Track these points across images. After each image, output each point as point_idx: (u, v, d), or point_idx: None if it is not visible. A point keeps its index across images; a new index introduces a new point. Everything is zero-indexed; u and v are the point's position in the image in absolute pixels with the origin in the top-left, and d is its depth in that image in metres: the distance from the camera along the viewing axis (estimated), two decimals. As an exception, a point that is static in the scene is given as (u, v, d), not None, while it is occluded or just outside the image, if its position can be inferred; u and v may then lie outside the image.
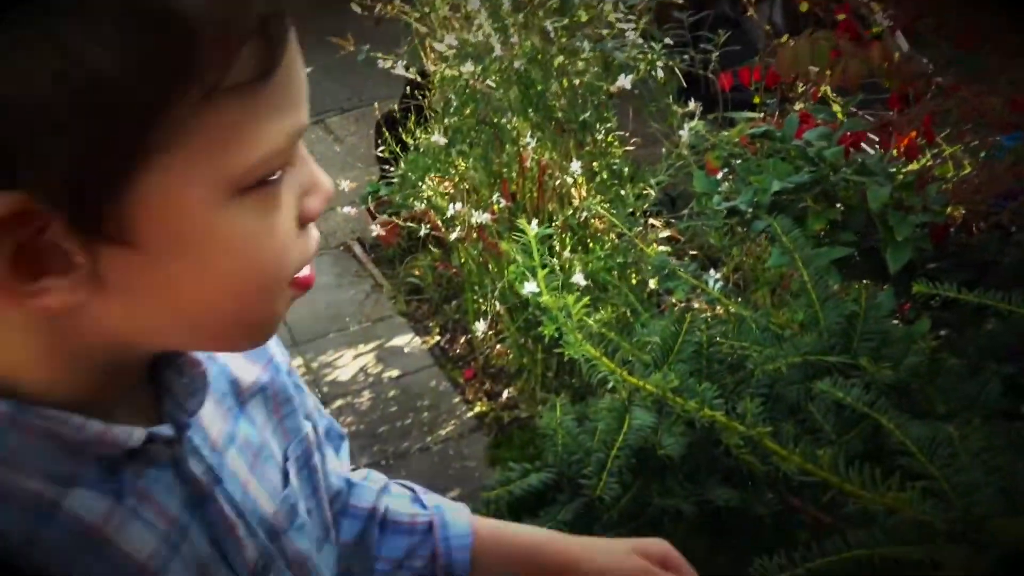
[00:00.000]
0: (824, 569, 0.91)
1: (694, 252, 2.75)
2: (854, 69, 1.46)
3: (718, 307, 1.72)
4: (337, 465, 0.76)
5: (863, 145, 1.93)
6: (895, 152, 1.65)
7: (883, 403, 1.03)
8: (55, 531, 0.45)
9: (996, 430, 1.22)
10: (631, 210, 2.46)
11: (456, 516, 0.78)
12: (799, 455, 0.94)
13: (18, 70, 0.35)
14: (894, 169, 1.70)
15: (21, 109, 0.36)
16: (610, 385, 1.13)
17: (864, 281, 2.06)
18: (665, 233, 2.80)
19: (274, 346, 0.66)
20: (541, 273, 1.06)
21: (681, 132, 2.22)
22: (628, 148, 2.77)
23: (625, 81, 2.04)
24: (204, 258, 0.43)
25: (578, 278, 1.98)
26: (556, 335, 1.09)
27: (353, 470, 0.81)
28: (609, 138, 2.57)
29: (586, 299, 1.07)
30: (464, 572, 0.76)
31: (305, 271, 0.49)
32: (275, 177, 0.43)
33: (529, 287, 2.00)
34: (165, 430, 0.50)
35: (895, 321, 2.08)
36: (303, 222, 0.47)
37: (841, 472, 0.94)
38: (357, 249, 3.30)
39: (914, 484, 0.96)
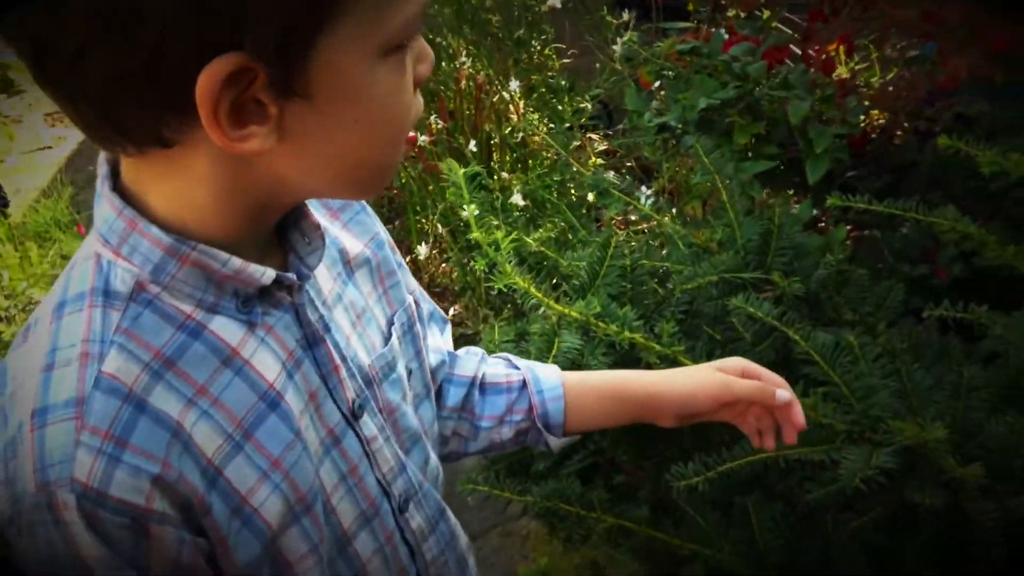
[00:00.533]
0: (735, 471, 1.00)
1: (631, 164, 2.80)
2: (774, -13, 1.49)
3: (652, 220, 1.78)
4: (441, 343, 0.85)
5: (794, 49, 1.97)
6: (814, 67, 1.70)
7: (792, 316, 1.11)
8: (201, 346, 0.55)
9: (902, 332, 1.31)
10: (568, 125, 2.49)
11: (546, 372, 0.87)
12: (711, 369, 1.01)
13: None
14: (817, 81, 1.75)
15: None
16: (541, 310, 1.19)
17: (787, 192, 2.14)
18: (603, 146, 2.84)
19: (378, 224, 0.75)
20: (471, 209, 1.11)
21: (614, 47, 2.23)
22: (565, 60, 2.78)
23: (555, 0, 2.05)
24: (359, 110, 0.52)
25: (516, 198, 2.03)
26: (487, 269, 1.14)
27: None
28: (546, 51, 2.58)
29: (515, 232, 1.12)
30: (558, 419, 0.84)
31: (411, 132, 0.60)
32: (405, 43, 0.53)
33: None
34: (290, 276, 0.59)
35: (821, 224, 2.17)
36: (416, 85, 0.56)
37: (750, 383, 1.02)
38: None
39: (816, 390, 1.05)
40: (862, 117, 2.05)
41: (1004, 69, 1.69)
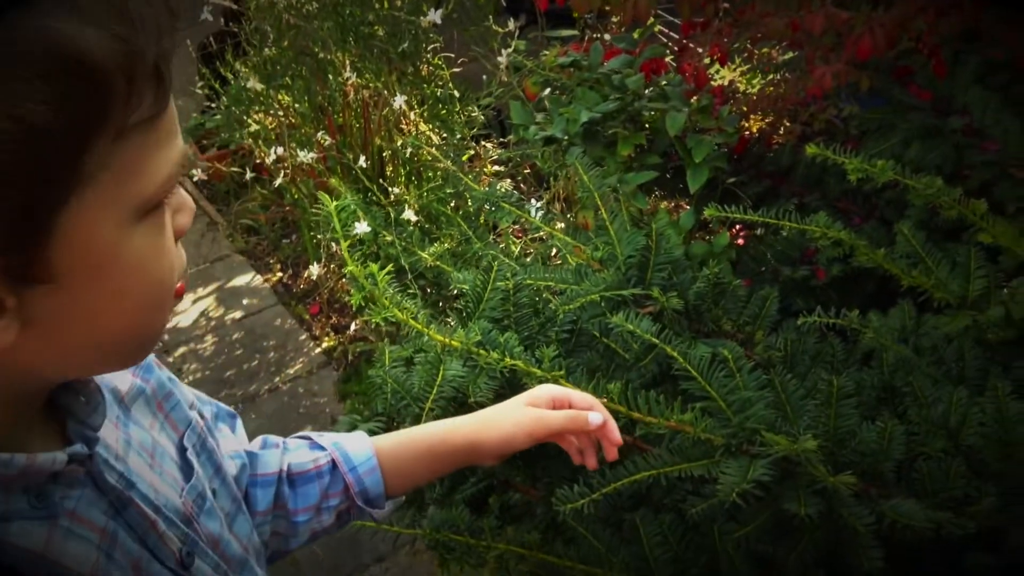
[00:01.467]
0: (619, 491, 1.01)
1: (528, 171, 2.81)
2: (644, 2, 1.51)
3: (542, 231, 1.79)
4: (234, 443, 0.81)
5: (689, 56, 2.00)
6: (689, 78, 1.73)
7: (670, 332, 1.13)
8: (7, 562, 0.49)
9: (781, 338, 1.35)
10: (460, 136, 2.48)
11: (355, 445, 0.84)
12: (591, 390, 1.02)
13: None
14: (693, 91, 1.78)
15: None
16: (424, 338, 1.18)
17: (675, 200, 2.18)
18: (498, 154, 2.84)
19: None
20: (344, 244, 1.09)
21: (499, 58, 2.24)
22: (456, 70, 2.77)
23: (435, 16, 2.03)
24: (115, 282, 0.46)
25: (408, 214, 2.01)
26: (363, 303, 1.12)
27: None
28: (436, 59, 2.57)
29: (390, 266, 1.10)
30: (378, 491, 0.82)
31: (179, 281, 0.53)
32: (164, 201, 0.48)
33: (360, 227, 2.02)
34: (81, 449, 0.53)
35: (710, 225, 2.22)
36: (177, 237, 0.52)
37: (630, 402, 1.04)
38: (187, 187, 3.20)
39: (695, 404, 1.07)
40: (743, 123, 2.11)
41: (869, 76, 1.75)
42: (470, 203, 2.43)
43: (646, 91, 1.80)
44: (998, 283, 1.55)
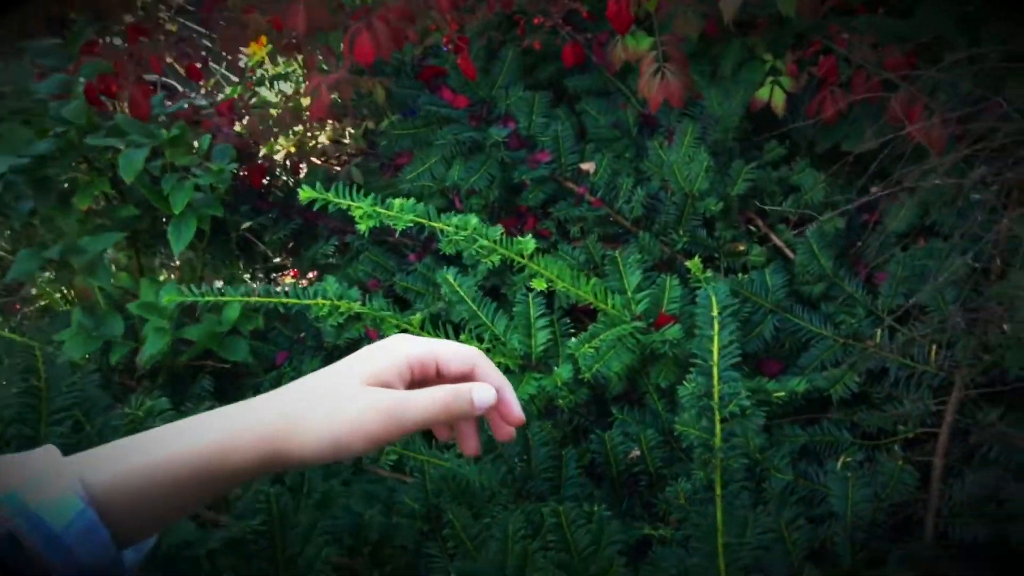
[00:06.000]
0: None
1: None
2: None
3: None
4: None
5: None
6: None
7: None
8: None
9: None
10: None
11: (45, 495, 0.47)
12: None
13: None
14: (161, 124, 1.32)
15: None
16: None
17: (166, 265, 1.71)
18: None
19: None
20: None
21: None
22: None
23: None
24: None
25: None
26: None
27: None
28: None
29: None
30: (102, 553, 0.49)
31: None
32: None
33: None
34: None
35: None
36: None
37: None
38: None
39: None
40: (268, 145, 1.69)
41: (385, 83, 1.41)
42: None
43: (104, 121, 1.31)
44: (564, 332, 1.27)
